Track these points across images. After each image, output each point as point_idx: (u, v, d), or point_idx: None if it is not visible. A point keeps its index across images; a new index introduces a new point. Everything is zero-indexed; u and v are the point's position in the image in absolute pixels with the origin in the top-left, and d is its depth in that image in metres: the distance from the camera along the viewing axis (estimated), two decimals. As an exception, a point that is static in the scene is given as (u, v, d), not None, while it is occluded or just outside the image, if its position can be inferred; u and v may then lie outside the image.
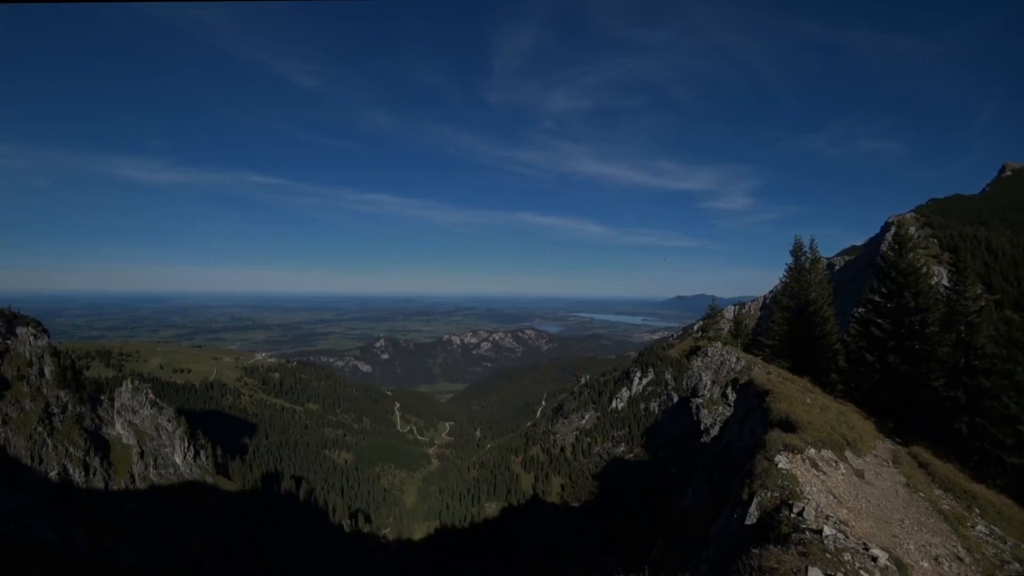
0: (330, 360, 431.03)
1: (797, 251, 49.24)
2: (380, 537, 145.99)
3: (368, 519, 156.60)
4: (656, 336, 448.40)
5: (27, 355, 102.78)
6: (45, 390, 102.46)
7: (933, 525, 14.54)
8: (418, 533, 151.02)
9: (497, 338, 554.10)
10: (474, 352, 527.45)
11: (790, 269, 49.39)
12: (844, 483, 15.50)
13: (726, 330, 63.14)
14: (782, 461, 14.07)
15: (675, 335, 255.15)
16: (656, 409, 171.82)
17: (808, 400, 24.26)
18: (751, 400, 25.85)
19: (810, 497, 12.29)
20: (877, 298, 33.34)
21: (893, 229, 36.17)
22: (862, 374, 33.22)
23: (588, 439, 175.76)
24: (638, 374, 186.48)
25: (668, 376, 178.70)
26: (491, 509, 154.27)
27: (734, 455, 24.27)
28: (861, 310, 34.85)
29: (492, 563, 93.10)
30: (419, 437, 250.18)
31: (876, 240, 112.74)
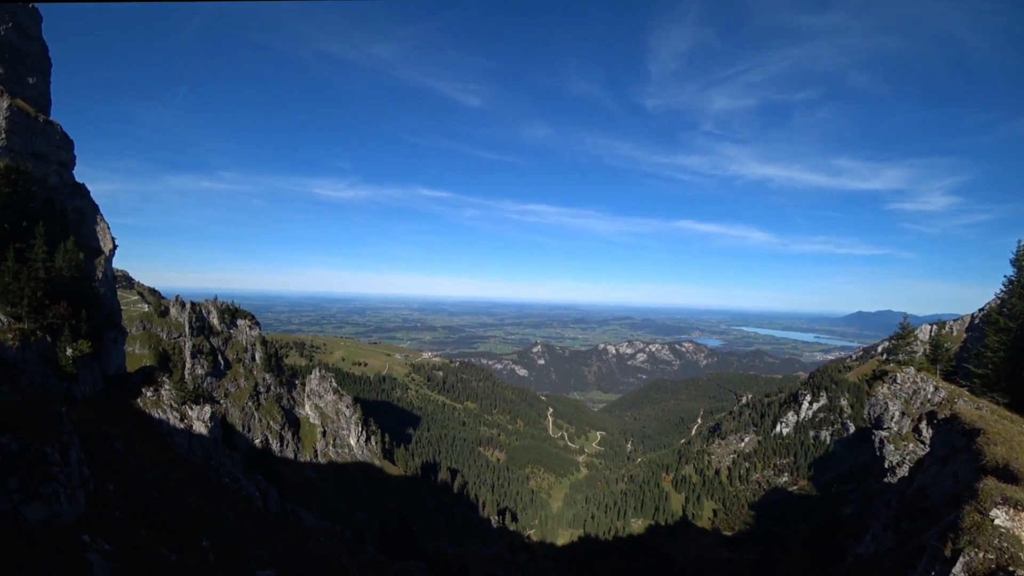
0: (489, 362, 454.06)
1: (1020, 260, 40.50)
2: (525, 537, 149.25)
3: (515, 518, 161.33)
4: (830, 356, 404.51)
5: (244, 343, 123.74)
6: (255, 372, 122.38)
7: None
8: (561, 539, 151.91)
9: (653, 349, 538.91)
10: (629, 363, 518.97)
11: (1011, 282, 40.99)
12: (1091, 555, 12.30)
13: (920, 353, 54.10)
14: (1000, 517, 11.62)
15: (854, 356, 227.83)
16: (828, 439, 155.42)
17: (1037, 446, 19.85)
18: (955, 439, 22.09)
19: (1040, 567, 9.94)
20: None
21: None
22: (1120, 420, 26.36)
23: (747, 464, 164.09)
24: (808, 398, 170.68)
25: (844, 402, 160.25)
26: (637, 525, 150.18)
27: (930, 502, 20.85)
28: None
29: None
30: (570, 444, 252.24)
31: None
